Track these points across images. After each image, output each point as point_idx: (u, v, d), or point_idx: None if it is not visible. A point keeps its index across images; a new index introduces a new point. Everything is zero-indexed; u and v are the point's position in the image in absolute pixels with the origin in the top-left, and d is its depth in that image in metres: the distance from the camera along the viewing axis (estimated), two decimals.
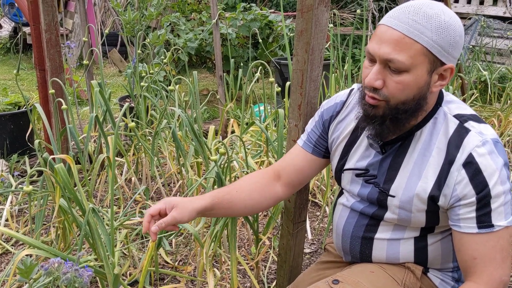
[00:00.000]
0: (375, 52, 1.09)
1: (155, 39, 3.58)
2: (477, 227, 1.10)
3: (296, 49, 1.45)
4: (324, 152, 1.39)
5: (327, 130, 1.37)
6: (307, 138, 1.41)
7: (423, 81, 1.10)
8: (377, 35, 1.10)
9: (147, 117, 2.78)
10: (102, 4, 7.06)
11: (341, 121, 1.34)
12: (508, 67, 4.11)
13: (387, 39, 1.07)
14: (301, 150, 1.41)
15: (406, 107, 1.12)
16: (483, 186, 1.08)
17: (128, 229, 2.04)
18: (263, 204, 1.39)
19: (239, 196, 1.33)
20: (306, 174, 1.41)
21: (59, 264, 1.01)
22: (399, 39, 1.06)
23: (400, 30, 1.06)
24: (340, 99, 1.36)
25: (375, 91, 1.12)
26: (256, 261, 1.78)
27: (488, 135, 1.12)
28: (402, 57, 1.06)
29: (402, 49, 1.06)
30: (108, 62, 6.42)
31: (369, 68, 1.13)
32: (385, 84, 1.10)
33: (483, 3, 6.71)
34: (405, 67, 1.07)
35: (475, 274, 1.12)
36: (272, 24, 4.54)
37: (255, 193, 1.36)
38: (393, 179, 1.21)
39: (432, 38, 1.06)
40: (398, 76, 1.08)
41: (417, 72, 1.08)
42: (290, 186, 1.41)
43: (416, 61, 1.07)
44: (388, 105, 1.12)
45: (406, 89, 1.10)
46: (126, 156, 2.51)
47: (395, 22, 1.07)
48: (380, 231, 1.27)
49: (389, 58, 1.07)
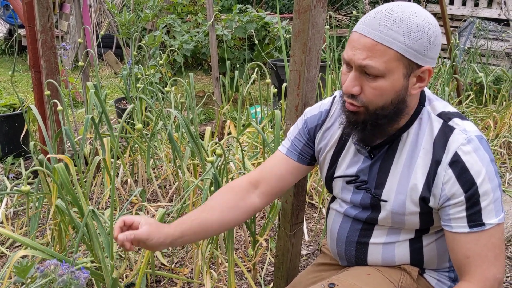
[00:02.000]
0: (350, 59, 1.09)
1: (150, 40, 3.58)
2: (468, 226, 1.10)
3: (293, 50, 1.45)
4: (309, 159, 1.37)
5: (313, 139, 1.36)
6: (291, 145, 1.38)
7: (399, 85, 1.09)
8: (351, 42, 1.10)
9: (143, 118, 2.77)
10: (97, 6, 7.05)
11: (328, 130, 1.33)
12: (503, 69, 4.12)
13: (360, 46, 1.07)
14: (284, 157, 1.37)
15: (385, 112, 1.12)
16: (470, 184, 1.08)
17: None
18: (239, 218, 1.33)
19: (211, 217, 1.27)
20: (288, 182, 1.38)
21: (55, 266, 1.00)
22: (371, 46, 1.06)
23: (372, 38, 1.06)
24: (324, 107, 1.35)
25: (354, 98, 1.12)
26: (253, 263, 1.78)
27: (472, 132, 1.12)
28: (376, 63, 1.06)
29: (375, 55, 1.06)
30: (103, 64, 6.40)
31: (346, 74, 1.13)
32: (363, 90, 1.11)
33: (478, 5, 6.74)
34: (380, 73, 1.07)
35: (469, 273, 1.12)
36: (268, 26, 4.54)
37: (228, 210, 1.30)
38: (384, 183, 1.21)
39: (405, 42, 1.05)
40: (374, 82, 1.08)
41: (393, 77, 1.08)
42: (268, 195, 1.36)
43: (391, 67, 1.06)
44: (367, 111, 1.13)
45: (383, 95, 1.10)
46: (122, 158, 2.50)
47: (367, 29, 1.07)
48: (375, 236, 1.27)
49: (363, 64, 1.07)
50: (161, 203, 2.53)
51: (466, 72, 4.18)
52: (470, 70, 4.21)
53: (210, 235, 1.34)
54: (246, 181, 1.36)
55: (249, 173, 1.40)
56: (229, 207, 1.31)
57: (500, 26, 5.60)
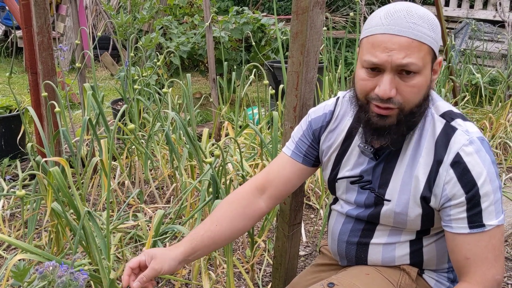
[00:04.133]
0: (385, 61, 1.07)
1: (147, 42, 3.58)
2: (469, 227, 1.10)
3: (291, 51, 1.45)
4: (314, 161, 1.37)
5: (317, 140, 1.35)
6: (295, 147, 1.37)
7: (429, 79, 1.12)
8: (380, 44, 1.08)
9: (140, 120, 2.77)
10: (93, 8, 7.04)
11: (332, 131, 1.32)
12: (499, 70, 4.14)
13: (396, 46, 1.06)
14: (289, 159, 1.37)
15: (420, 109, 1.13)
16: (471, 186, 1.09)
17: (122, 233, 2.03)
18: (247, 225, 1.35)
19: (220, 229, 1.28)
20: (294, 184, 1.38)
21: (54, 267, 1.00)
22: (408, 44, 1.06)
23: (407, 36, 1.06)
24: (328, 108, 1.34)
25: (389, 101, 1.09)
26: (251, 264, 1.78)
27: (474, 133, 1.13)
28: (415, 60, 1.06)
29: (413, 52, 1.06)
30: (100, 66, 6.39)
31: (370, 79, 1.11)
32: (398, 91, 1.09)
33: (473, 7, 6.77)
34: (419, 69, 1.07)
35: (468, 274, 1.12)
36: (265, 28, 4.55)
37: (236, 219, 1.31)
38: (387, 183, 1.21)
39: (432, 36, 1.08)
40: (411, 80, 1.08)
41: (426, 72, 1.10)
42: (274, 198, 1.36)
43: (425, 61, 1.09)
44: (402, 111, 1.11)
45: (420, 92, 1.10)
46: (119, 159, 2.49)
47: (397, 29, 1.06)
48: (376, 236, 1.27)
49: (403, 63, 1.06)
50: (158, 204, 2.52)
51: (462, 73, 4.20)
52: (466, 71, 4.23)
53: (221, 245, 1.34)
54: (252, 187, 1.37)
55: (254, 178, 1.39)
56: (236, 216, 1.31)
57: (495, 27, 5.63)
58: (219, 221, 1.30)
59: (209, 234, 1.26)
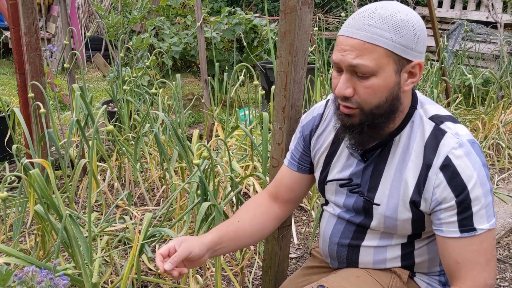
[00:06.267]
0: (339, 61, 1.09)
1: (138, 42, 3.55)
2: (459, 231, 1.09)
3: (279, 50, 1.43)
4: (309, 168, 1.37)
5: (308, 145, 1.35)
6: (291, 156, 1.39)
7: (392, 82, 1.09)
8: (338, 45, 1.10)
9: (130, 121, 2.74)
10: (85, 8, 7.00)
11: (321, 134, 1.32)
12: (491, 71, 4.14)
13: (349, 47, 1.07)
14: (287, 169, 1.39)
15: (381, 111, 1.11)
16: (461, 189, 1.07)
17: (110, 236, 1.99)
18: (268, 227, 1.38)
19: (243, 225, 1.33)
20: (299, 191, 1.40)
21: (33, 272, 0.97)
22: (359, 46, 1.05)
23: (359, 38, 1.06)
24: (317, 111, 1.35)
25: (347, 100, 1.11)
26: (241, 267, 1.75)
27: (464, 136, 1.11)
28: (366, 61, 1.05)
29: (365, 54, 1.05)
30: (92, 67, 6.34)
31: (337, 78, 1.12)
32: (356, 91, 1.09)
33: (466, 8, 6.78)
34: (371, 70, 1.06)
35: (459, 278, 1.10)
36: (257, 28, 4.53)
37: (256, 219, 1.36)
38: (376, 187, 1.19)
39: (392, 38, 1.05)
40: (366, 81, 1.08)
41: (384, 74, 1.07)
42: (288, 203, 1.41)
43: (381, 63, 1.06)
44: (362, 112, 1.11)
45: (377, 93, 1.09)
46: (109, 161, 2.46)
47: (352, 31, 1.07)
48: (368, 239, 1.26)
49: (353, 64, 1.06)
50: (148, 207, 2.49)
51: (455, 74, 4.19)
52: (458, 71, 4.23)
53: (244, 243, 1.36)
54: (266, 194, 1.43)
55: (268, 186, 1.46)
56: (257, 216, 1.37)
57: (488, 28, 5.64)
58: (240, 217, 1.35)
59: (232, 227, 1.31)
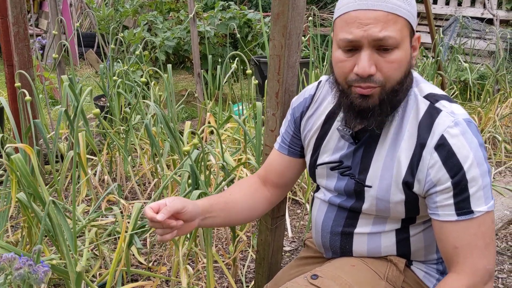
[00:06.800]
0: (361, 37, 1.01)
1: (130, 36, 3.50)
2: (456, 214, 1.04)
3: (272, 33, 1.38)
4: (300, 151, 1.33)
5: (299, 127, 1.31)
6: (281, 140, 1.35)
7: (409, 54, 1.06)
8: (353, 21, 1.02)
9: (121, 114, 2.69)
10: (78, 5, 6.93)
11: (312, 115, 1.27)
12: (487, 64, 4.12)
13: (371, 20, 1.01)
14: (277, 153, 1.35)
15: (402, 87, 1.06)
16: (457, 169, 1.02)
17: (100, 229, 1.94)
18: (258, 208, 1.35)
19: (234, 199, 1.29)
20: (289, 177, 1.36)
21: (12, 259, 0.92)
22: (384, 17, 1.01)
23: (382, 9, 1.01)
24: (308, 93, 1.30)
25: (369, 79, 1.03)
26: (234, 259, 1.70)
27: (460, 115, 1.06)
28: (393, 33, 1.01)
29: (390, 25, 1.01)
30: (85, 64, 6.28)
31: (347, 60, 1.05)
32: (378, 68, 1.03)
33: (461, 4, 6.76)
34: (397, 42, 1.02)
35: (458, 264, 1.05)
36: (251, 23, 4.48)
37: (247, 197, 1.33)
38: (367, 168, 1.14)
39: (406, 8, 1.04)
40: (390, 55, 1.03)
41: (404, 46, 1.04)
42: (278, 188, 1.37)
43: (403, 35, 1.03)
44: (384, 90, 1.05)
45: (400, 67, 1.04)
46: (99, 155, 2.41)
47: (371, 3, 1.01)
48: (360, 225, 1.21)
49: (380, 37, 1.00)
50: (140, 200, 2.44)
51: (450, 69, 4.16)
52: (454, 65, 4.20)
53: (234, 218, 1.31)
54: (256, 177, 1.39)
55: (258, 170, 1.41)
56: (248, 194, 1.33)
57: (483, 24, 5.62)
58: (232, 192, 1.33)
59: (223, 199, 1.28)
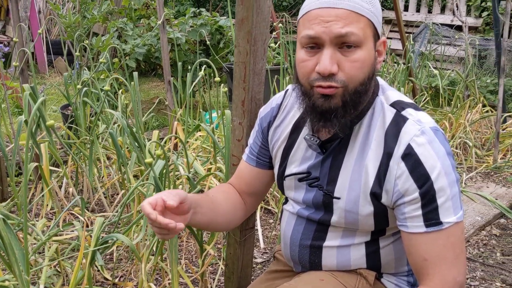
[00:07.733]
0: (323, 33, 0.98)
1: (98, 43, 3.41)
2: (425, 226, 1.00)
3: (237, 39, 1.33)
4: (268, 162, 1.29)
5: (267, 138, 1.27)
6: (249, 151, 1.31)
7: (372, 56, 1.03)
8: (315, 18, 0.99)
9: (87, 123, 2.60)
10: (47, 12, 6.78)
11: (279, 125, 1.23)
12: (457, 70, 4.16)
13: (333, 17, 0.98)
14: (245, 165, 1.31)
15: (364, 88, 1.02)
16: (425, 179, 0.99)
17: (65, 244, 1.86)
18: (237, 213, 1.30)
19: (218, 200, 1.25)
20: (259, 187, 1.32)
21: None
22: (345, 15, 0.98)
23: (343, 7, 0.98)
24: (275, 102, 1.26)
25: (331, 78, 0.99)
26: (201, 273, 1.64)
27: (426, 123, 1.03)
28: (355, 29, 0.98)
29: (352, 23, 0.98)
30: (54, 71, 6.13)
31: (309, 59, 1.01)
32: (340, 67, 0.99)
33: (432, 11, 6.87)
34: (360, 40, 0.98)
35: (427, 276, 1.02)
36: (223, 29, 4.44)
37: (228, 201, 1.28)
38: (335, 179, 1.11)
39: (369, 9, 1.01)
40: (352, 54, 0.99)
41: (367, 46, 1.01)
42: (251, 196, 1.33)
43: (366, 34, 1.00)
44: (346, 90, 1.01)
45: (363, 67, 1.00)
46: (63, 166, 2.31)
47: (333, 1, 0.99)
48: (329, 238, 1.17)
49: (343, 32, 0.97)
50: (107, 213, 2.35)
51: (421, 75, 4.19)
52: (425, 72, 4.24)
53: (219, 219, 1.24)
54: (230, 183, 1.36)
55: (230, 179, 1.38)
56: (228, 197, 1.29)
57: (452, 30, 5.70)
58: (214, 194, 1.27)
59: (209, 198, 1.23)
